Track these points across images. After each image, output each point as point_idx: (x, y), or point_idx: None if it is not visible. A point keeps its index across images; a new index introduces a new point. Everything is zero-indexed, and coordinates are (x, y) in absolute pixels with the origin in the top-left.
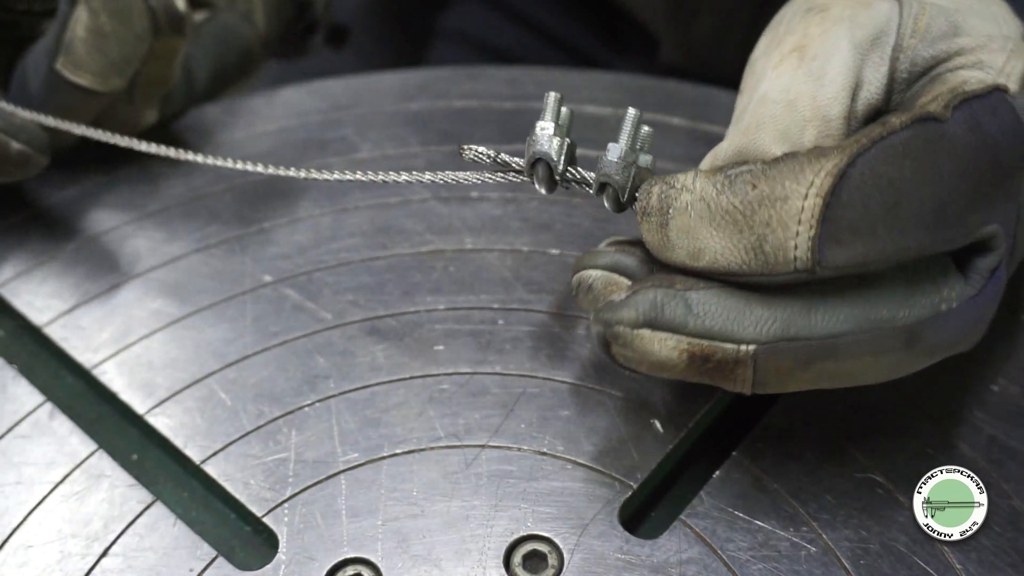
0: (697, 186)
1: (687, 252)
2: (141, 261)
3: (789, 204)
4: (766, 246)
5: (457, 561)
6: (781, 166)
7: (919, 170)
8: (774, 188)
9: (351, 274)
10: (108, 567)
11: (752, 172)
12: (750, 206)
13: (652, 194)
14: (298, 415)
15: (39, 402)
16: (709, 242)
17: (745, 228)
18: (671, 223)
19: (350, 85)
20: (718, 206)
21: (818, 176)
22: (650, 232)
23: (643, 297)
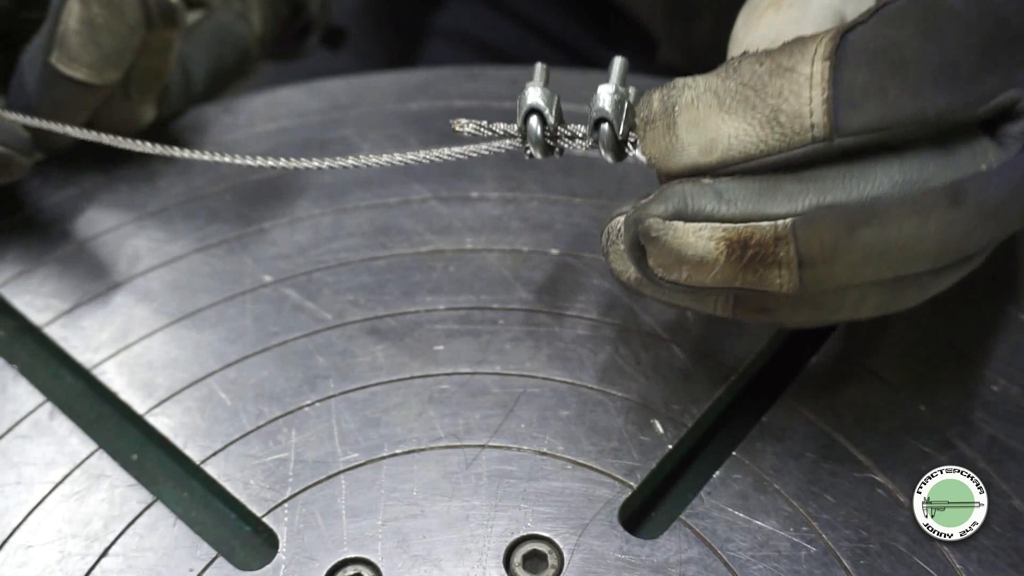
0: (700, 81)
1: (699, 147)
2: (141, 261)
3: (798, 72)
4: (781, 116)
5: (457, 561)
6: (783, 46)
7: (920, 31)
8: (780, 60)
9: (351, 274)
10: (108, 567)
11: (756, 55)
12: (760, 79)
13: (653, 100)
14: (298, 415)
15: (39, 402)
16: (722, 128)
17: (758, 102)
18: (679, 120)
19: (350, 85)
20: (726, 90)
21: (821, 45)
22: (655, 141)
23: (671, 191)
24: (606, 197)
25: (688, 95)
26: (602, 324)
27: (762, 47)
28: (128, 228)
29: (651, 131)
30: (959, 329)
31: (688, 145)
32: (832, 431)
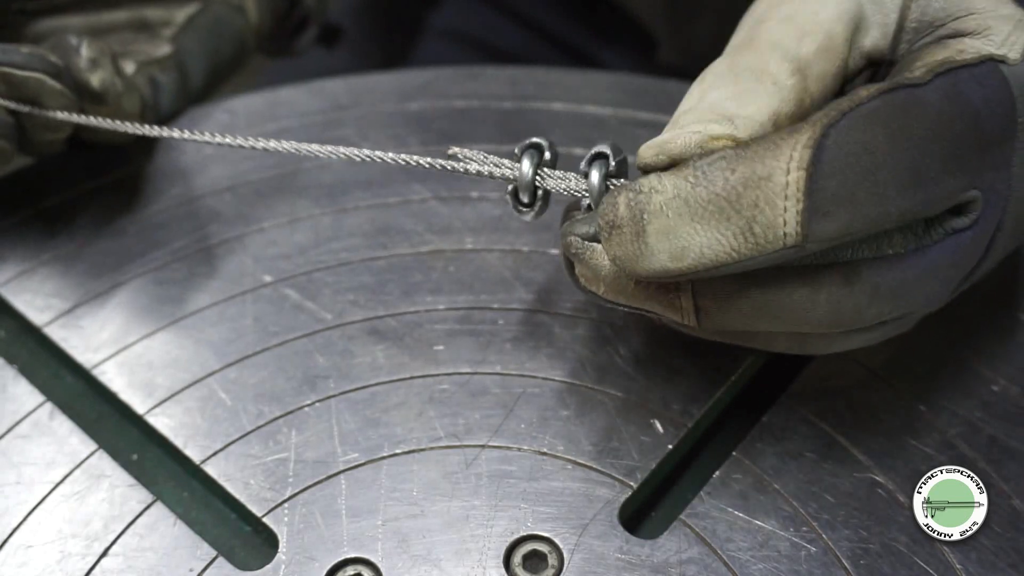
0: (668, 185)
1: (669, 255)
2: (141, 261)
3: (774, 181)
4: (755, 227)
5: (457, 561)
6: (755, 147)
7: (892, 135)
8: (755, 168)
9: (351, 274)
10: (108, 567)
11: (726, 158)
12: (734, 190)
13: (619, 204)
14: (298, 415)
15: (39, 402)
16: (693, 238)
17: (732, 213)
18: (647, 228)
19: (350, 85)
20: (697, 199)
21: (795, 150)
22: (623, 246)
23: (596, 216)
24: None
25: (656, 201)
26: (602, 324)
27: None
28: (128, 228)
29: (617, 235)
30: (959, 329)
31: (658, 252)
32: (832, 431)
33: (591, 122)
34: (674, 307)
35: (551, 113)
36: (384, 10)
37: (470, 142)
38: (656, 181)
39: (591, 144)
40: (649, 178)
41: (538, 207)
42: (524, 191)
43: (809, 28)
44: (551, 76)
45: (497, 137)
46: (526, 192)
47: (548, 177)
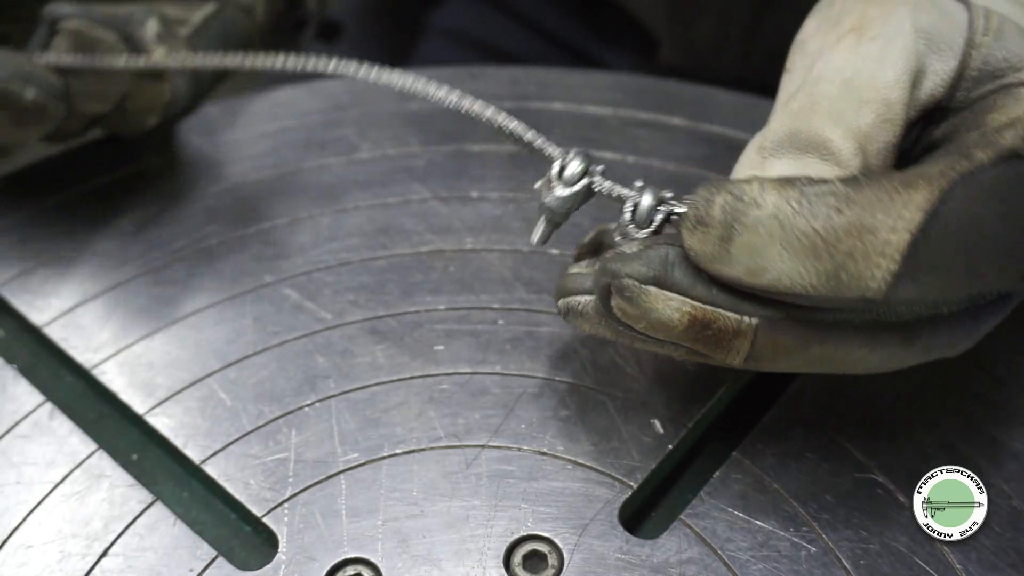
0: (769, 201)
1: (747, 268)
2: (141, 261)
3: (877, 236)
4: (842, 274)
5: (457, 561)
6: (867, 192)
7: (1004, 213)
8: (862, 217)
9: (351, 274)
10: (108, 567)
11: (836, 195)
12: (834, 233)
13: (714, 204)
14: (298, 415)
15: (39, 402)
16: (776, 262)
17: (824, 255)
18: (736, 239)
19: (350, 85)
20: (795, 227)
21: (908, 209)
22: (704, 244)
23: (655, 253)
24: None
25: (753, 215)
26: None
27: (834, 82)
28: (128, 228)
29: (702, 232)
30: None
31: (737, 263)
32: (832, 431)
33: (591, 122)
34: (723, 348)
35: (551, 113)
36: (385, 10)
37: (470, 142)
38: (759, 193)
39: (591, 144)
40: (752, 186)
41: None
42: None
43: (868, 96)
44: (551, 76)
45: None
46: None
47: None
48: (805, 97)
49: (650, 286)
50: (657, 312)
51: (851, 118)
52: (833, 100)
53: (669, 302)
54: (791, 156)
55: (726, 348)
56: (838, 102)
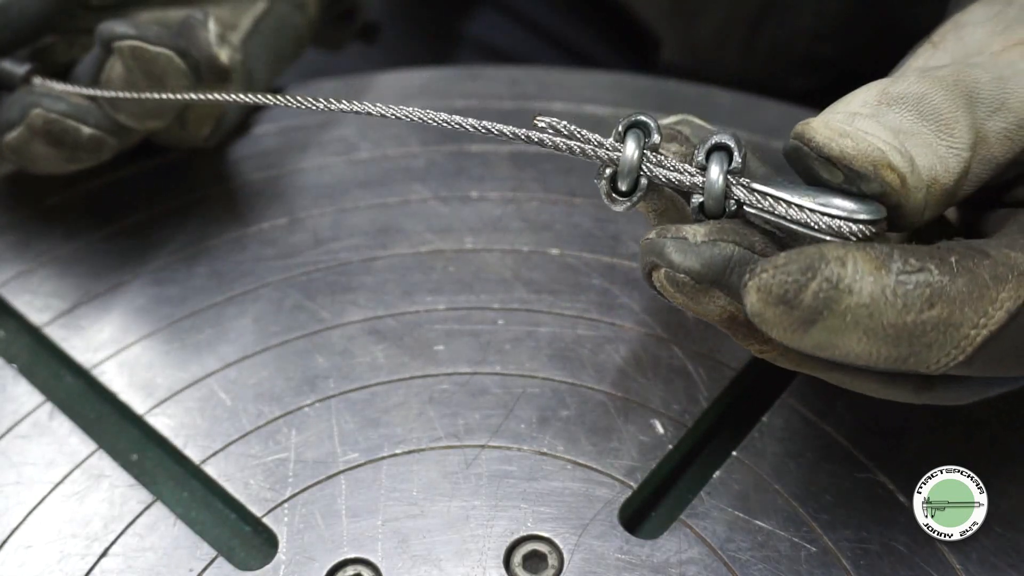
0: (864, 291)
1: (818, 345)
2: (141, 261)
3: (959, 332)
4: (912, 359)
5: (457, 561)
6: (960, 285)
7: None
8: (952, 314)
9: (351, 274)
10: (108, 567)
11: (931, 288)
12: (921, 327)
13: (807, 289)
14: (298, 415)
15: (39, 402)
16: (851, 344)
17: (903, 344)
18: (818, 321)
19: (350, 85)
20: (882, 320)
21: (994, 307)
22: (779, 320)
23: (719, 255)
24: None
25: (845, 303)
26: (602, 324)
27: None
28: (128, 228)
29: (784, 312)
30: None
31: (810, 339)
32: (832, 431)
33: (591, 122)
34: (752, 341)
35: (551, 113)
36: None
37: (470, 142)
38: (855, 279)
39: None
40: (849, 269)
41: (636, 198)
42: (625, 178)
43: (1012, 105)
44: (551, 76)
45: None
46: (627, 179)
47: (656, 165)
48: (951, 72)
49: (704, 284)
50: (701, 303)
51: (984, 115)
52: (979, 88)
53: (716, 300)
54: (910, 116)
55: (755, 342)
56: (982, 92)
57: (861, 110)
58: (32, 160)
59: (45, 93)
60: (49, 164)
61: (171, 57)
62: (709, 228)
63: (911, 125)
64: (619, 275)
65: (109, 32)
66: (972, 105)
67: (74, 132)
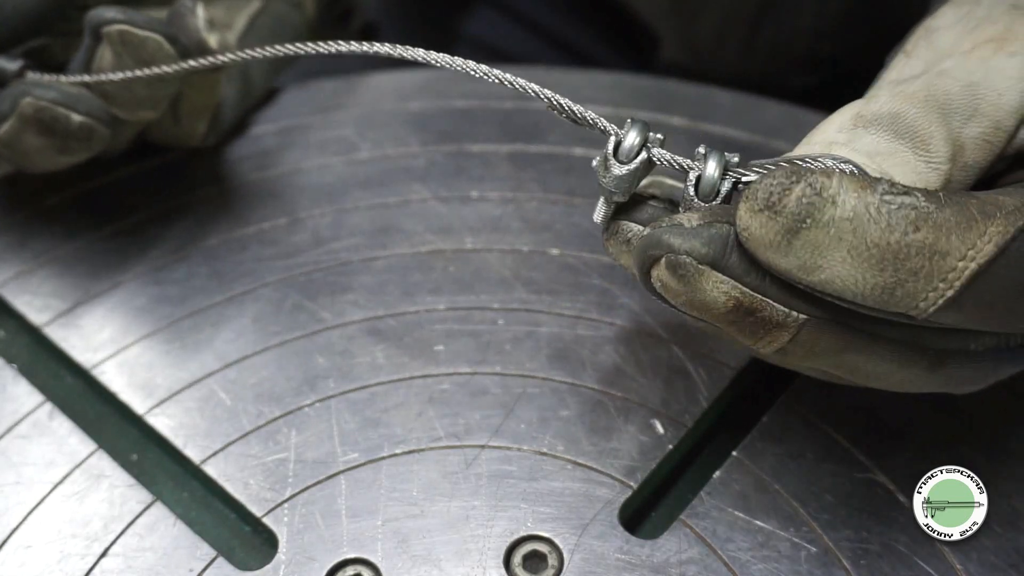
0: (848, 203)
1: (801, 264)
2: (141, 261)
3: (945, 261)
4: (898, 290)
5: (457, 561)
6: (947, 213)
7: None
8: (938, 240)
9: (351, 274)
10: (108, 567)
11: (917, 210)
12: (906, 249)
13: (790, 193)
14: (298, 415)
15: (39, 402)
16: (836, 264)
17: (888, 268)
18: (802, 234)
19: (350, 85)
20: (866, 236)
21: (982, 240)
22: (765, 229)
23: (717, 232)
24: None
25: (828, 214)
26: (602, 324)
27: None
28: (128, 228)
29: (767, 218)
30: None
31: (794, 256)
32: (832, 431)
33: None
34: (759, 337)
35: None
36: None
37: (470, 142)
38: (840, 191)
39: (591, 144)
40: (834, 182)
41: (636, 164)
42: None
43: (985, 110)
44: (551, 76)
45: (497, 137)
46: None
47: (656, 146)
48: (923, 86)
49: (706, 266)
50: (704, 293)
51: (959, 124)
52: (951, 99)
53: (720, 285)
54: (886, 137)
55: (762, 338)
56: (954, 103)
57: (837, 137)
58: (25, 155)
59: (35, 83)
60: (42, 157)
61: (160, 42)
62: (701, 213)
63: (887, 145)
64: (619, 275)
65: (98, 18)
66: (946, 116)
67: (64, 120)
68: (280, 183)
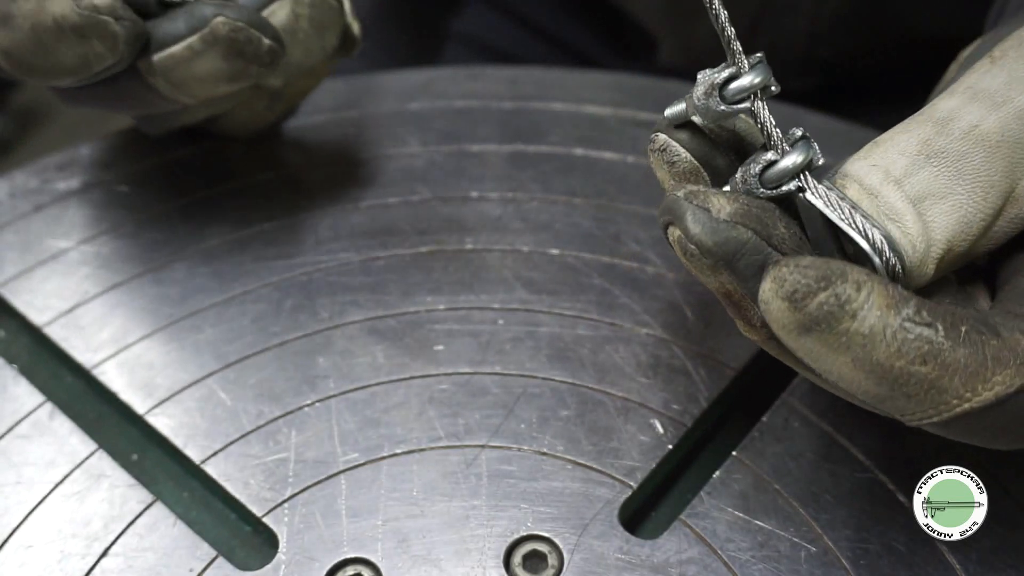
0: (867, 322)
1: (808, 353)
2: (141, 261)
3: (942, 398)
4: (888, 403)
5: (457, 561)
6: (961, 355)
7: None
8: (941, 378)
9: (351, 274)
10: (108, 567)
11: (932, 346)
12: (908, 377)
13: (815, 297)
14: (298, 415)
15: (39, 402)
16: (839, 367)
17: (886, 385)
18: (814, 335)
19: (350, 85)
20: (875, 354)
21: (985, 387)
22: (781, 313)
23: (738, 237)
24: (606, 197)
25: (846, 326)
26: (602, 324)
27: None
28: (128, 229)
29: (786, 306)
30: None
31: (802, 345)
32: (832, 431)
33: (591, 122)
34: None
35: (551, 113)
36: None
37: (470, 142)
38: (864, 307)
39: (591, 144)
40: (862, 296)
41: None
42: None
43: None
44: (551, 76)
45: (497, 137)
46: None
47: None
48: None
49: (711, 261)
50: (702, 272)
51: (1019, 174)
52: (1008, 148)
53: (719, 276)
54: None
55: (745, 325)
56: (1013, 154)
57: (898, 162)
58: (183, 81)
59: (217, 3)
60: (203, 87)
61: (340, 9)
62: (736, 208)
63: (944, 185)
64: (619, 275)
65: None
66: (1013, 168)
67: (257, 42)
68: (280, 183)
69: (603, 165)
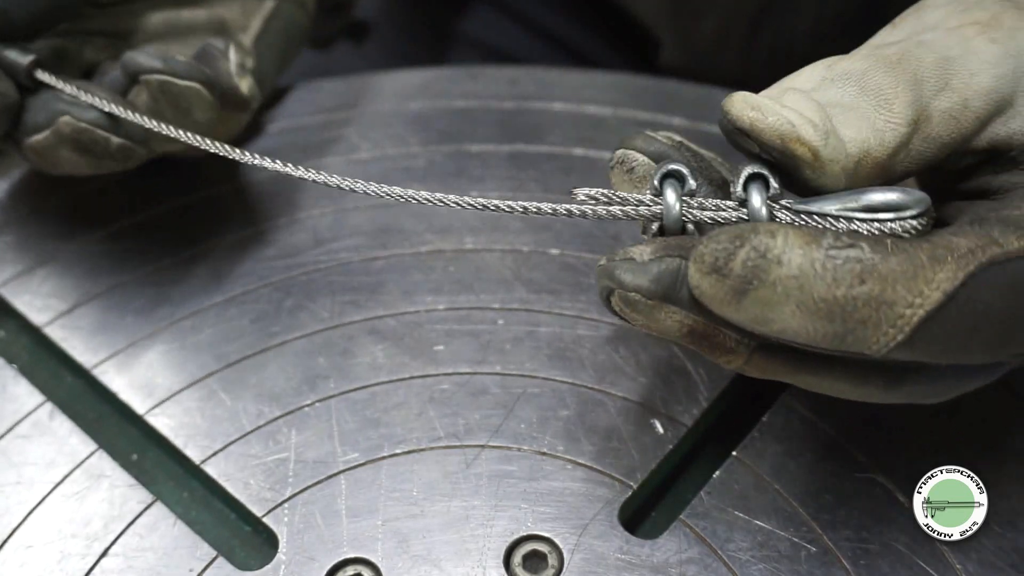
0: (793, 262)
1: (754, 318)
2: (141, 261)
3: (894, 310)
4: (849, 337)
5: (457, 561)
6: (893, 263)
7: (1014, 302)
8: (883, 290)
9: (351, 274)
10: (108, 567)
11: (862, 263)
12: (852, 302)
13: (736, 257)
14: (298, 415)
15: (39, 402)
16: (786, 317)
17: (837, 319)
18: (751, 293)
19: (350, 85)
20: (813, 292)
21: (929, 287)
22: (715, 289)
23: (667, 269)
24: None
25: (774, 274)
26: (602, 324)
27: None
28: (128, 229)
29: (715, 280)
30: None
31: (746, 312)
32: (832, 431)
33: (591, 122)
34: (719, 355)
35: (551, 113)
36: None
37: (470, 142)
38: (784, 249)
39: (591, 144)
40: (779, 241)
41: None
42: (672, 229)
43: (955, 85)
44: (551, 76)
45: (497, 137)
46: (674, 229)
47: (697, 208)
48: (898, 50)
49: (655, 300)
50: (659, 322)
51: (927, 94)
52: (923, 67)
53: (673, 315)
54: (851, 91)
55: (720, 357)
56: (927, 72)
57: (804, 85)
58: (55, 164)
59: (74, 101)
60: (73, 168)
61: (199, 90)
62: (655, 246)
63: (851, 99)
64: None
65: (136, 65)
66: (916, 83)
67: (103, 142)
68: (280, 183)
69: (603, 165)
